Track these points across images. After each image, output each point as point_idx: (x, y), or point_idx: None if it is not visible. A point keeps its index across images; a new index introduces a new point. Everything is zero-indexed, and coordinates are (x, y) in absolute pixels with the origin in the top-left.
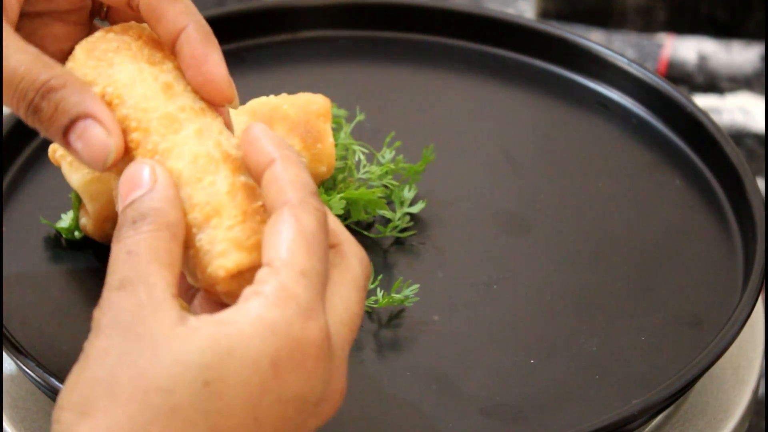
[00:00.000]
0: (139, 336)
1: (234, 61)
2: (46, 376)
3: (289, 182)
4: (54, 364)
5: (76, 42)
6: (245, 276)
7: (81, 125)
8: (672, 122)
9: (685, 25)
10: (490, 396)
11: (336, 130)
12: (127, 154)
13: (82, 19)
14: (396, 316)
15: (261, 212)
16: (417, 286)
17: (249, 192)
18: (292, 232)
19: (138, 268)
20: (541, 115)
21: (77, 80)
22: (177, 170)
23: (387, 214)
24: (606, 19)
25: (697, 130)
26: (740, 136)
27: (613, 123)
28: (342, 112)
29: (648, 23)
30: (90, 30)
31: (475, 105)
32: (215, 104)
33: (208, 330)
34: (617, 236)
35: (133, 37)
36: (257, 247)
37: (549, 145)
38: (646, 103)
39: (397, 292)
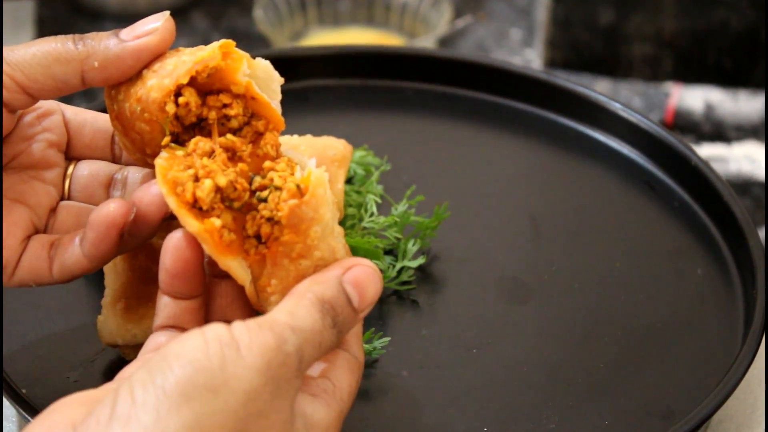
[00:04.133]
0: None
1: (297, 99)
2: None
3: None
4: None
5: None
6: None
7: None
8: (708, 208)
9: (691, 74)
10: None
11: (366, 177)
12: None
13: None
14: (369, 365)
15: None
16: (387, 339)
17: None
18: (355, 383)
19: (302, 366)
20: (584, 187)
21: None
22: (326, 219)
23: (381, 265)
24: (613, 68)
25: (730, 220)
26: (747, 185)
27: (655, 203)
28: (376, 160)
29: (655, 72)
30: None
31: (516, 165)
32: None
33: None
34: (616, 318)
35: None
36: None
37: (580, 216)
38: (689, 186)
39: (368, 343)
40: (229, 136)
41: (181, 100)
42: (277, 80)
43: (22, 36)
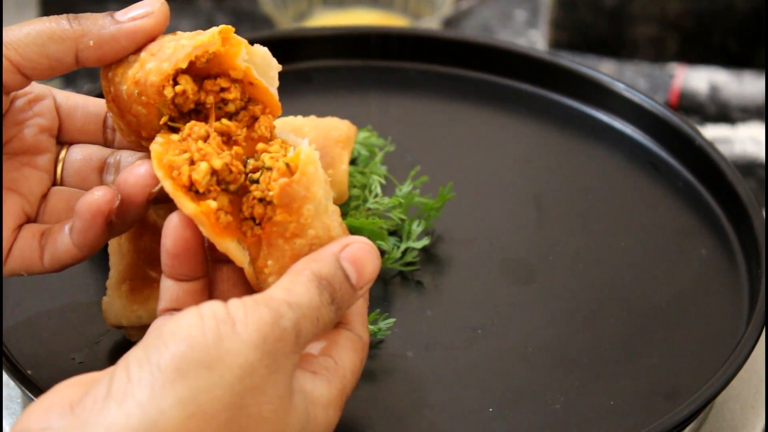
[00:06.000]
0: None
1: (301, 80)
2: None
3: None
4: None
5: None
6: None
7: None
8: (713, 188)
9: (696, 55)
10: None
11: (370, 158)
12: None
13: None
14: (374, 346)
15: None
16: (393, 320)
17: None
18: (359, 362)
19: (300, 341)
20: (588, 167)
21: None
22: (319, 197)
23: (385, 246)
24: (618, 49)
25: (734, 200)
26: (751, 167)
27: (660, 184)
28: (379, 141)
29: (659, 53)
30: None
31: (520, 146)
32: None
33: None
34: (621, 298)
35: None
36: None
37: (584, 197)
38: (693, 167)
39: (373, 324)
40: (224, 120)
41: (178, 88)
42: (275, 67)
43: (26, 18)
